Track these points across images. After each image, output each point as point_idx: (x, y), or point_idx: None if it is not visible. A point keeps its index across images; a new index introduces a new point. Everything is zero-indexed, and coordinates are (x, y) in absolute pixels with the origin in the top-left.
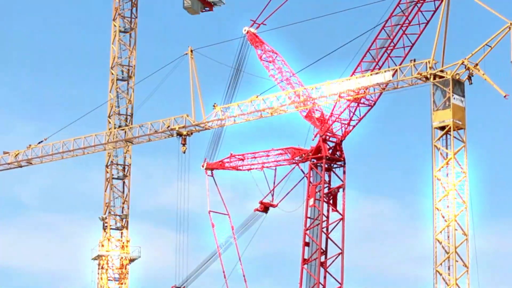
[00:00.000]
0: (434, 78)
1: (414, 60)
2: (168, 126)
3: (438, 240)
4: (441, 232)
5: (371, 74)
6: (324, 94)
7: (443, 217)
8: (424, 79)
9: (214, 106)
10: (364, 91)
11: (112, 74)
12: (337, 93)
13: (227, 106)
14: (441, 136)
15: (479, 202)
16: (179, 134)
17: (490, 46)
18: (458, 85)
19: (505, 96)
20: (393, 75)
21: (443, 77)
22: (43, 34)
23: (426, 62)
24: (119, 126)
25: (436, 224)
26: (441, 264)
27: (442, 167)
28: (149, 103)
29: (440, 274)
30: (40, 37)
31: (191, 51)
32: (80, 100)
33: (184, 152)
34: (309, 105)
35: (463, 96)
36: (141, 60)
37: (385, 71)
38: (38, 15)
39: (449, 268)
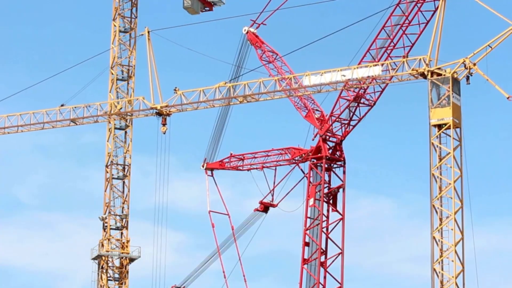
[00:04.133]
0: (432, 76)
1: (407, 56)
2: (121, 108)
3: (435, 238)
4: (438, 230)
5: (357, 67)
6: (305, 84)
7: (438, 215)
8: (417, 75)
9: (175, 90)
10: (349, 85)
11: (112, 74)
12: (319, 84)
13: (190, 91)
14: (438, 134)
15: (476, 201)
16: (160, 114)
17: (491, 47)
18: (455, 84)
19: (508, 98)
20: (391, 73)
21: (440, 74)
22: (42, 33)
23: (420, 59)
24: (120, 127)
25: (433, 222)
26: (438, 262)
27: (439, 165)
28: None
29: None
30: (39, 36)
31: (148, 32)
32: (80, 99)
33: (165, 133)
34: (288, 94)
35: (459, 95)
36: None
37: (374, 65)
38: (38, 15)
39: (442, 268)
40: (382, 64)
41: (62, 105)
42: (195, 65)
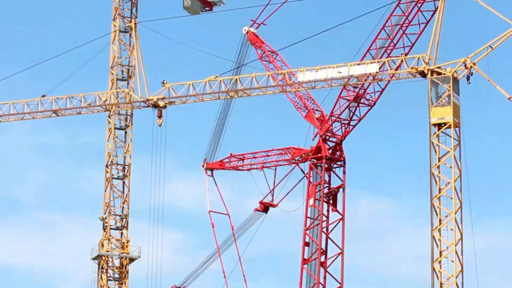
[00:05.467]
0: (431, 75)
1: (406, 54)
2: (106, 100)
3: (435, 238)
4: (438, 230)
5: (353, 65)
6: (300, 80)
7: (438, 214)
8: (416, 74)
9: (163, 83)
10: (348, 83)
11: (112, 74)
12: (313, 81)
13: (179, 84)
14: (438, 133)
15: (476, 201)
16: (156, 106)
17: (492, 47)
18: (454, 83)
19: (509, 98)
20: (389, 71)
21: (440, 73)
22: (42, 33)
23: (419, 57)
24: (120, 127)
25: (433, 222)
26: (438, 262)
27: (439, 164)
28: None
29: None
30: (39, 36)
31: (135, 24)
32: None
33: (160, 125)
34: (284, 89)
35: (459, 95)
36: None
37: (370, 63)
38: (38, 15)
39: (440, 267)
40: (384, 63)
41: (43, 96)
42: (194, 63)
